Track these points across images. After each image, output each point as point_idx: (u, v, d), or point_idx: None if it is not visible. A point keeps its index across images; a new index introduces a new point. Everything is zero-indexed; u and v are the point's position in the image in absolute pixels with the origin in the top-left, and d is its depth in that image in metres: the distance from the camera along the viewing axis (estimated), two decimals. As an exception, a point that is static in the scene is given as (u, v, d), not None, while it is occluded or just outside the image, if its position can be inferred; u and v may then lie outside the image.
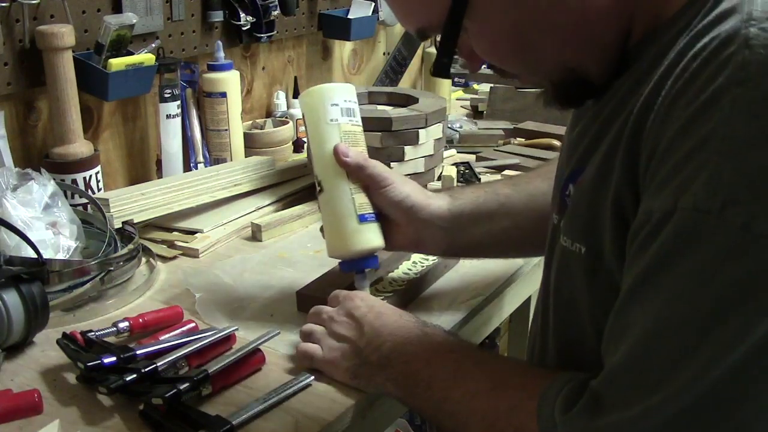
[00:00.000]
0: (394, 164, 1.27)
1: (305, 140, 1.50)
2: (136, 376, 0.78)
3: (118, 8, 1.33)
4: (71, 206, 1.11)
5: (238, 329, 0.90)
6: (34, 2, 1.18)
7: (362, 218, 0.91)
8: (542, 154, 1.56)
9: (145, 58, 1.30)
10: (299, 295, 0.99)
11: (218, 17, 1.52)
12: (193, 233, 1.21)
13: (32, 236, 0.96)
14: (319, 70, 1.89)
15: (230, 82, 1.47)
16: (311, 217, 1.28)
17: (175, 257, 1.16)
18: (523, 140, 1.70)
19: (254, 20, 1.56)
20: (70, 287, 0.99)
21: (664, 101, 0.58)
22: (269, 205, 1.32)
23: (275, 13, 1.59)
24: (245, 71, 1.67)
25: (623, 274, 0.60)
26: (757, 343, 0.52)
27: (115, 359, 0.80)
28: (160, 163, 1.45)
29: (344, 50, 1.96)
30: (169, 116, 1.39)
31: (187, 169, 1.44)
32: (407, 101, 1.39)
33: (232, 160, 1.48)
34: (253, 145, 1.56)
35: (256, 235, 1.23)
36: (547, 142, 1.64)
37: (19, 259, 0.92)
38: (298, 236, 1.24)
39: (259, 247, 1.20)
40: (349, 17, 1.78)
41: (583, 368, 0.66)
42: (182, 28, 1.47)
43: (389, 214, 0.94)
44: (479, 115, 1.97)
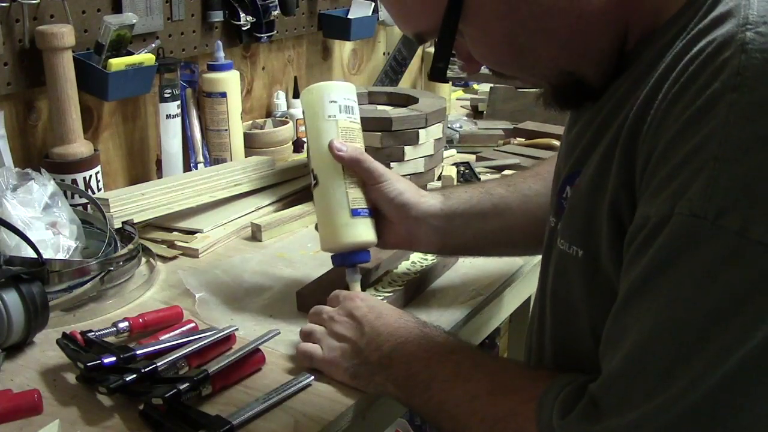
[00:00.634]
0: (394, 164, 1.27)
1: (305, 140, 1.50)
2: (136, 376, 0.78)
3: (118, 8, 1.33)
4: (71, 206, 1.11)
5: (238, 329, 0.90)
6: (34, 2, 1.19)
7: (355, 212, 0.92)
8: (542, 154, 1.56)
9: (145, 58, 1.30)
10: (299, 295, 0.99)
11: (218, 17, 1.52)
12: (193, 233, 1.21)
13: (32, 236, 0.96)
14: (319, 70, 1.89)
15: (230, 82, 1.47)
16: (311, 217, 1.28)
17: (175, 257, 1.16)
18: (523, 140, 1.70)
19: (254, 20, 1.56)
20: (70, 287, 0.99)
21: (660, 105, 0.58)
22: (269, 205, 1.32)
23: (275, 13, 1.59)
24: (245, 71, 1.67)
25: (620, 279, 0.60)
26: (754, 349, 0.52)
27: (115, 359, 0.80)
28: (160, 163, 1.45)
29: (344, 50, 1.96)
30: (169, 116, 1.39)
31: (187, 169, 1.44)
32: (407, 101, 1.39)
33: (232, 160, 1.48)
34: (253, 145, 1.57)
35: (256, 235, 1.23)
36: (547, 142, 1.64)
37: (19, 259, 0.92)
38: (298, 236, 1.24)
39: (259, 247, 1.20)
40: (349, 17, 1.78)
41: (580, 370, 0.66)
42: (182, 28, 1.47)
43: (383, 210, 0.94)
44: (479, 115, 1.97)
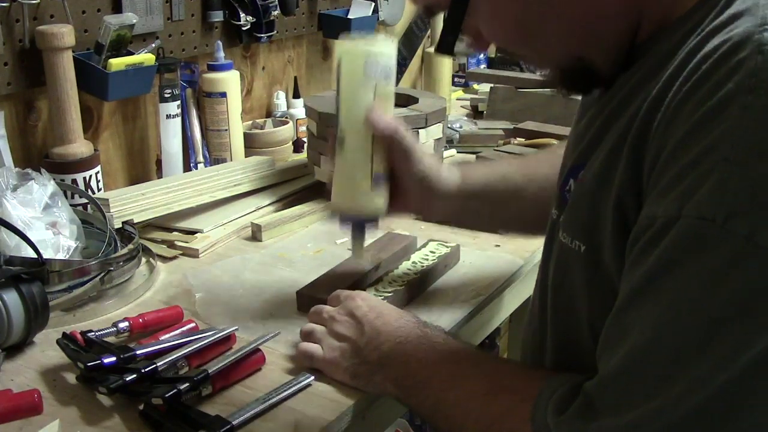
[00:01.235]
0: (394, 164, 1.27)
1: (305, 140, 1.50)
2: (136, 376, 0.78)
3: (118, 8, 1.33)
4: (71, 206, 1.11)
5: (238, 329, 0.90)
6: (34, 2, 1.18)
7: (376, 182, 0.91)
8: (542, 154, 1.56)
9: (145, 58, 1.30)
10: (299, 295, 0.99)
11: (218, 17, 1.52)
12: (193, 233, 1.21)
13: (32, 236, 0.96)
14: (319, 70, 1.89)
15: (230, 82, 1.47)
16: (311, 217, 1.28)
17: (175, 257, 1.16)
18: (523, 140, 1.70)
19: (254, 20, 1.56)
20: (70, 287, 0.99)
21: (671, 102, 0.57)
22: (269, 205, 1.32)
23: (275, 13, 1.59)
24: (245, 71, 1.67)
25: (622, 278, 0.60)
26: (755, 357, 0.51)
27: (115, 359, 0.80)
28: (160, 163, 1.45)
29: (344, 50, 1.95)
30: (169, 116, 1.39)
31: (187, 169, 1.44)
32: (407, 101, 1.39)
33: (232, 160, 1.48)
34: (253, 145, 1.56)
35: (256, 235, 1.23)
36: (546, 142, 1.63)
37: (19, 259, 0.92)
38: (298, 236, 1.24)
39: (259, 247, 1.20)
40: (349, 17, 1.78)
41: (580, 368, 0.66)
42: (182, 28, 1.47)
43: (402, 182, 0.93)
44: (479, 115, 1.97)
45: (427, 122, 1.28)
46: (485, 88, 2.03)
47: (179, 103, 1.41)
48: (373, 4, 1.82)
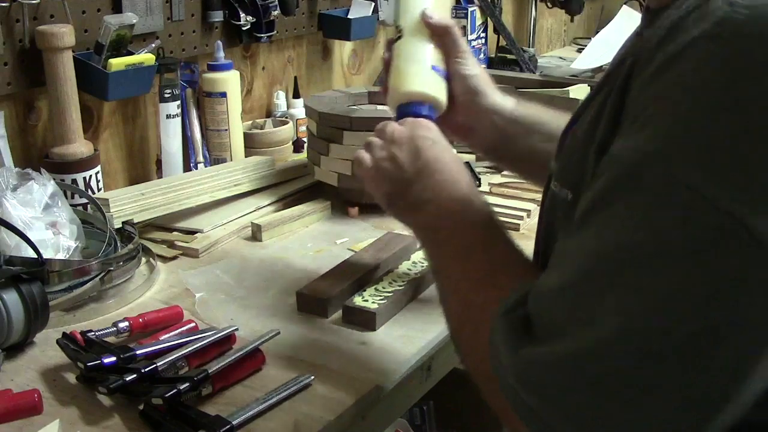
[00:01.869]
0: (394, 164, 1.27)
1: (305, 140, 1.51)
2: (136, 376, 0.78)
3: (118, 8, 1.33)
4: (71, 206, 1.11)
5: (238, 329, 0.90)
6: (34, 2, 1.19)
7: (435, 68, 0.90)
8: (542, 154, 1.56)
9: (145, 58, 1.30)
10: (299, 295, 0.99)
11: (218, 17, 1.52)
12: (193, 233, 1.21)
13: (32, 236, 0.96)
14: (319, 70, 1.89)
15: (230, 82, 1.47)
16: (311, 217, 1.28)
17: (175, 257, 1.16)
18: (523, 140, 1.70)
19: (254, 20, 1.56)
20: (70, 287, 0.99)
21: (648, 48, 0.57)
22: (269, 205, 1.32)
23: (275, 13, 1.59)
24: (245, 71, 1.67)
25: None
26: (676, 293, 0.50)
27: (115, 359, 0.80)
28: (160, 163, 1.45)
29: (344, 50, 1.96)
30: (169, 116, 1.39)
31: (187, 169, 1.44)
32: (407, 101, 1.39)
33: (232, 160, 1.48)
34: (253, 145, 1.56)
35: (256, 235, 1.23)
36: (547, 142, 1.63)
37: (19, 259, 0.92)
38: (298, 236, 1.24)
39: (259, 247, 1.20)
40: (349, 17, 1.78)
41: None
42: (182, 28, 1.47)
43: (454, 86, 0.92)
44: (479, 115, 1.97)
45: (427, 122, 1.28)
46: (485, 88, 2.03)
47: (179, 103, 1.41)
48: (373, 4, 1.82)
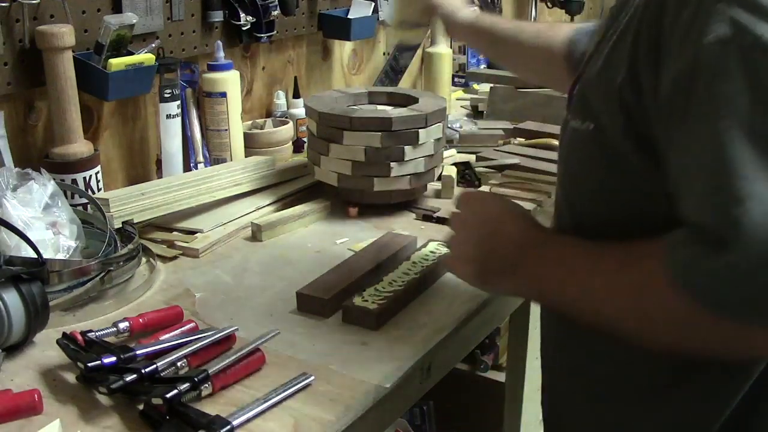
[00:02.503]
0: (393, 164, 1.27)
1: (305, 140, 1.51)
2: (136, 376, 0.78)
3: (118, 8, 1.33)
4: (71, 206, 1.11)
5: (238, 329, 0.90)
6: (34, 2, 1.19)
7: None
8: (542, 153, 1.56)
9: (145, 58, 1.30)
10: (299, 295, 0.99)
11: (218, 17, 1.52)
12: (193, 233, 1.21)
13: (32, 236, 0.96)
14: (319, 70, 1.89)
15: (230, 82, 1.47)
16: (311, 217, 1.28)
17: (175, 257, 1.16)
18: (523, 140, 1.70)
19: (254, 20, 1.56)
20: (70, 287, 0.99)
21: None
22: (269, 205, 1.32)
23: (275, 13, 1.59)
24: (245, 71, 1.67)
25: (666, 141, 0.65)
26: None
27: (115, 359, 0.80)
28: (160, 163, 1.45)
29: (344, 50, 1.96)
30: (169, 116, 1.39)
31: (187, 169, 1.44)
32: (407, 101, 1.39)
33: (232, 160, 1.48)
34: (253, 145, 1.57)
35: (256, 235, 1.23)
36: (546, 141, 1.64)
37: (19, 259, 0.92)
38: (298, 236, 1.24)
39: (259, 247, 1.20)
40: (349, 17, 1.78)
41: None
42: (182, 28, 1.47)
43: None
44: (479, 115, 1.97)
45: (427, 122, 1.28)
46: (485, 88, 2.03)
47: (179, 103, 1.41)
48: (373, 4, 1.82)
